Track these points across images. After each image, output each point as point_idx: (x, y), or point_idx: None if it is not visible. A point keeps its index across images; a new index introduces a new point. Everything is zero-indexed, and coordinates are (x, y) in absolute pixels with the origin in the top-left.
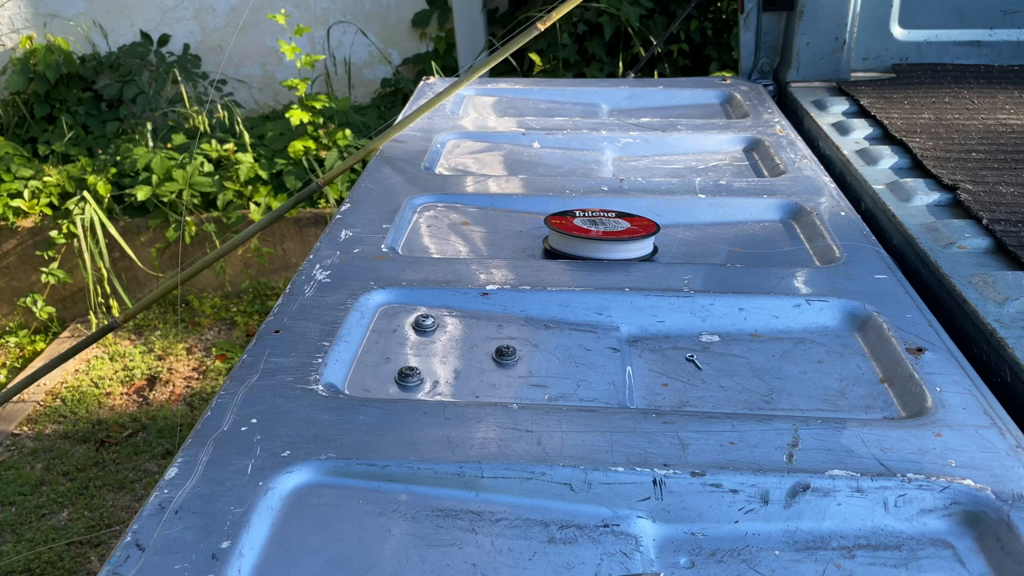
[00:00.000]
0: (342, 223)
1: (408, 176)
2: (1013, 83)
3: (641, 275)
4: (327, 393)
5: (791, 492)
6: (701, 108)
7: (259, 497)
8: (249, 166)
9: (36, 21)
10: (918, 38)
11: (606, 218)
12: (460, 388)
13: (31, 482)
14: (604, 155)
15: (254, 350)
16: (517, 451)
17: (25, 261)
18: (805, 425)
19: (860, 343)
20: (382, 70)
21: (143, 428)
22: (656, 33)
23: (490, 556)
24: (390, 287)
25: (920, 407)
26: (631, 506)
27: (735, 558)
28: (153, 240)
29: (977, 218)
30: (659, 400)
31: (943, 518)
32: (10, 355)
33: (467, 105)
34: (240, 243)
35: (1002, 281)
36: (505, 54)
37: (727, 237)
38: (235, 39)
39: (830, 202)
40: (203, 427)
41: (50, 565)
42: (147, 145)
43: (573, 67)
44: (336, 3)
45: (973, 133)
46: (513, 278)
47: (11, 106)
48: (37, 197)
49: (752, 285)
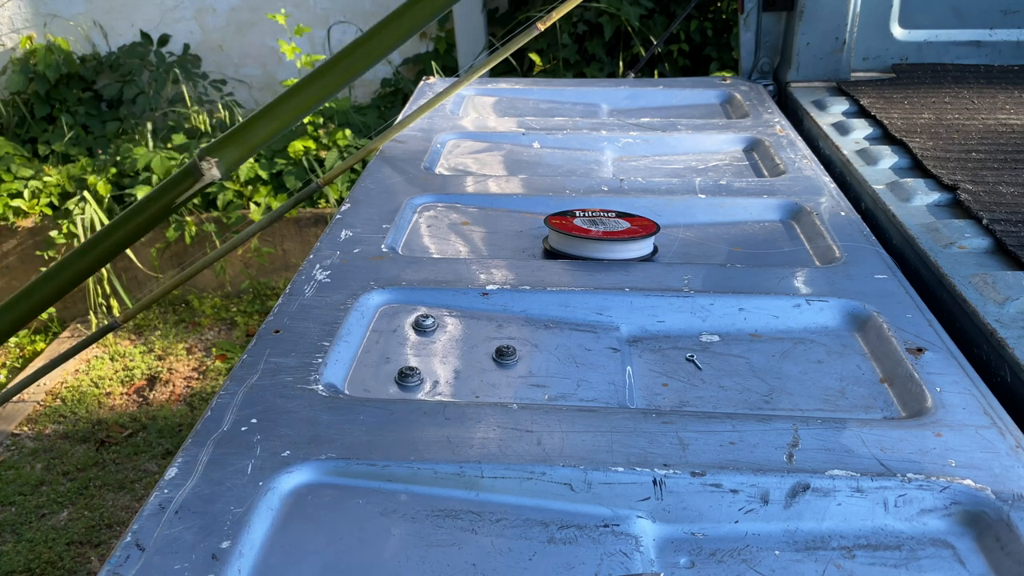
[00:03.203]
0: (342, 223)
1: (408, 176)
2: (1013, 83)
3: (641, 275)
4: (327, 393)
5: (791, 492)
6: (701, 108)
7: (259, 497)
8: (249, 166)
9: (36, 21)
10: (918, 38)
11: (606, 218)
12: (460, 388)
13: (31, 482)
14: (604, 155)
15: (254, 350)
16: (517, 451)
17: (25, 261)
18: (805, 425)
19: (860, 343)
20: (382, 70)
21: (143, 428)
22: (656, 33)
23: (490, 556)
24: (390, 287)
25: (920, 407)
26: (631, 506)
27: (735, 558)
28: (153, 240)
29: (977, 218)
30: (659, 400)
31: (943, 518)
32: (10, 355)
33: (467, 105)
34: (240, 243)
35: (1002, 281)
36: (505, 54)
37: (727, 237)
38: (235, 39)
39: (830, 202)
40: (203, 427)
41: (50, 565)
42: (147, 145)
43: (573, 67)
44: (336, 3)
45: (973, 133)
46: (513, 278)
47: (11, 106)
48: (37, 197)
49: (752, 285)
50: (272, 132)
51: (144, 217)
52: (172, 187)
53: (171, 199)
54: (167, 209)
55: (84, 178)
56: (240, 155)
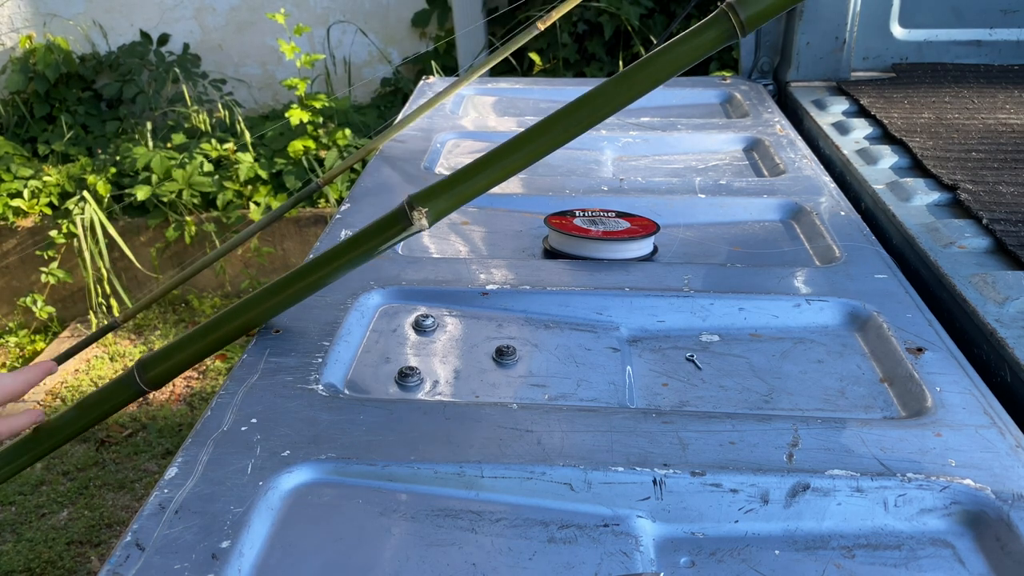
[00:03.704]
0: (342, 223)
1: (408, 176)
2: (1013, 83)
3: (641, 275)
4: (327, 393)
5: (791, 492)
6: (701, 108)
7: (259, 497)
8: (249, 166)
9: (36, 21)
10: (918, 38)
11: (606, 218)
12: (460, 388)
13: (31, 482)
14: (604, 155)
15: (254, 350)
16: (517, 451)
17: (25, 261)
18: (805, 425)
19: (860, 343)
20: (382, 70)
21: (143, 428)
22: (656, 33)
23: (490, 556)
24: (390, 287)
25: (920, 407)
26: (631, 506)
27: (735, 558)
28: (153, 240)
29: (977, 218)
30: (659, 400)
31: (943, 518)
32: (10, 355)
33: (467, 105)
34: (240, 243)
35: (1002, 281)
36: (505, 54)
37: (727, 237)
38: (235, 39)
39: (830, 202)
40: (203, 427)
41: (50, 565)
42: (147, 145)
43: (573, 67)
44: (336, 2)
45: (973, 133)
46: (513, 278)
47: (11, 106)
48: (37, 197)
49: (752, 285)
50: (486, 187)
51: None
52: (379, 231)
53: (378, 243)
54: (370, 252)
55: (84, 178)
56: (449, 207)
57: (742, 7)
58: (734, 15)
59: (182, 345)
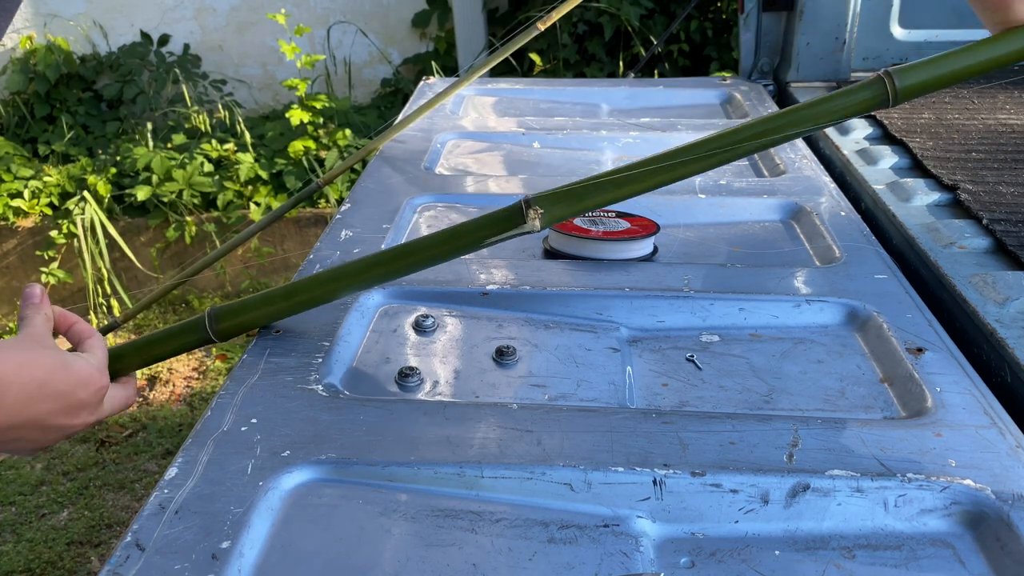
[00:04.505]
0: (342, 223)
1: (408, 176)
2: (1013, 83)
3: (641, 275)
4: (327, 393)
5: (791, 492)
6: (701, 108)
7: (259, 497)
8: (249, 166)
9: (36, 21)
10: (918, 38)
11: (606, 218)
12: (460, 388)
13: (31, 482)
14: (604, 155)
15: (254, 350)
16: (517, 451)
17: (25, 261)
18: (805, 425)
19: (860, 343)
20: (382, 70)
21: (143, 428)
22: (656, 33)
23: (490, 556)
24: (390, 287)
25: (920, 407)
26: (631, 506)
27: (735, 558)
28: (153, 240)
29: (977, 218)
30: (659, 400)
31: (943, 518)
32: None
33: (467, 105)
34: (240, 243)
35: (1002, 281)
36: (505, 54)
37: (727, 237)
38: (235, 39)
39: (830, 202)
40: (203, 427)
41: (50, 565)
42: (147, 145)
43: (573, 67)
44: (336, 3)
45: (973, 133)
46: (513, 278)
47: (11, 106)
48: (37, 197)
49: (752, 285)
50: (608, 200)
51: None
52: (491, 224)
53: (488, 234)
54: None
55: (84, 178)
56: (564, 214)
57: (899, 77)
58: (890, 83)
59: (256, 304)
